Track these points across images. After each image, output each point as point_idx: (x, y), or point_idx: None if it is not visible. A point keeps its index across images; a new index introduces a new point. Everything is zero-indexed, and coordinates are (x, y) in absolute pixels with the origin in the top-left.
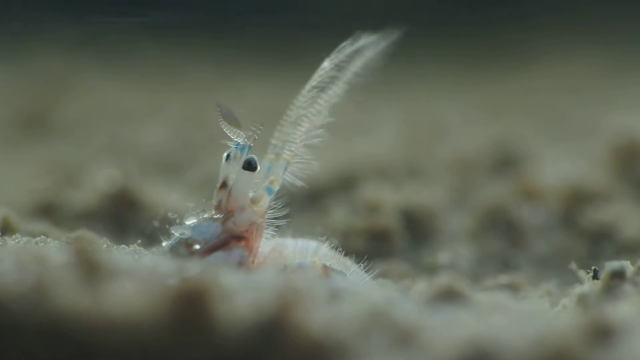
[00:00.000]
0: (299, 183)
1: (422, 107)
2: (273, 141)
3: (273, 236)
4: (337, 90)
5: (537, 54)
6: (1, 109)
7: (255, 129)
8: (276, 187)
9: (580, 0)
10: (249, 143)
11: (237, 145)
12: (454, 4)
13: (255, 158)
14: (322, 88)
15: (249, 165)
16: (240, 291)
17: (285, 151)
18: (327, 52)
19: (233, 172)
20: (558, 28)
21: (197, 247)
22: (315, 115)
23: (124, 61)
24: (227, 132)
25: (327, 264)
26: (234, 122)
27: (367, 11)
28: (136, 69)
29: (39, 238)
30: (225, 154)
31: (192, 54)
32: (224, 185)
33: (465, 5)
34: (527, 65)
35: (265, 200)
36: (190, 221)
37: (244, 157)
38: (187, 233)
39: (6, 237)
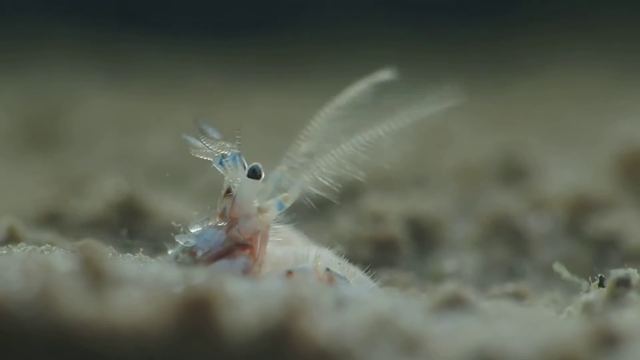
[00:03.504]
0: (310, 204)
1: (427, 115)
2: (288, 154)
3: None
4: (370, 137)
5: (542, 63)
6: (8, 119)
7: (235, 135)
8: (287, 205)
9: (587, 10)
10: (236, 151)
11: (225, 157)
12: (460, 12)
13: (260, 165)
14: (352, 117)
15: (254, 173)
16: (246, 299)
17: (307, 173)
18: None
19: (237, 179)
20: (564, 37)
21: (201, 255)
22: (346, 154)
23: (129, 71)
24: (210, 147)
25: (330, 268)
26: (214, 136)
27: (371, 20)
28: (142, 78)
29: (44, 247)
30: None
31: (198, 63)
32: (228, 192)
33: (471, 14)
34: (533, 74)
35: (273, 213)
36: (194, 229)
37: (240, 164)
38: (192, 241)
39: (12, 246)
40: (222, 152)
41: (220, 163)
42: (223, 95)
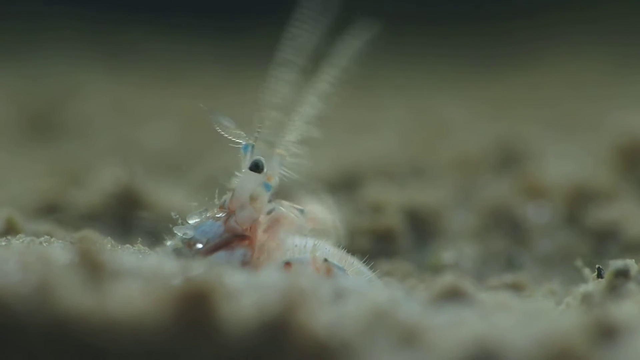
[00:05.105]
0: (296, 177)
1: (426, 106)
2: (259, 130)
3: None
4: (326, 82)
5: (542, 52)
6: (7, 108)
7: (256, 127)
8: (274, 183)
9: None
10: (251, 142)
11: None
12: (460, 1)
13: (262, 159)
14: (309, 79)
15: (256, 167)
16: (245, 291)
17: (279, 146)
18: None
19: (240, 172)
20: (563, 26)
21: (200, 246)
22: (306, 109)
23: (129, 61)
24: (226, 136)
25: (328, 259)
26: (230, 126)
27: (370, 9)
28: (142, 69)
29: (43, 238)
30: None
31: (198, 53)
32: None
33: (470, 3)
34: (532, 63)
35: (264, 197)
36: (193, 220)
37: (249, 156)
38: (190, 233)
39: (10, 237)
40: (238, 140)
41: (245, 149)
42: (223, 84)
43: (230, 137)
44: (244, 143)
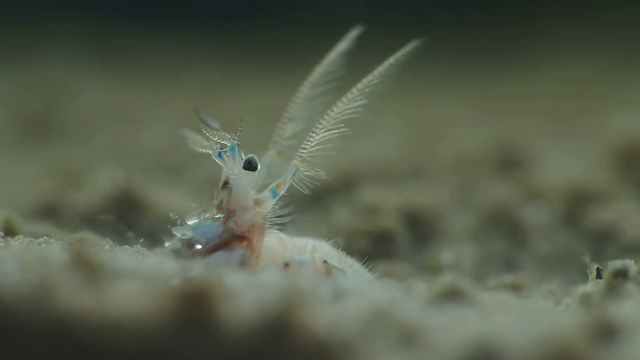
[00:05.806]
0: (305, 190)
1: (425, 108)
2: (274, 138)
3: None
4: (353, 99)
5: (540, 56)
6: (5, 110)
7: (237, 127)
8: (282, 191)
9: (584, 3)
10: (236, 141)
11: (224, 148)
12: (457, 6)
13: (256, 157)
14: (330, 91)
15: (250, 165)
16: (244, 291)
17: (296, 157)
18: (327, 51)
19: (234, 171)
20: (561, 30)
21: (199, 247)
22: (331, 123)
23: (126, 63)
24: (210, 137)
25: (327, 260)
26: (215, 127)
27: (367, 12)
28: (139, 70)
29: (42, 239)
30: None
31: (195, 55)
32: (225, 184)
33: (469, 7)
34: (530, 67)
35: (269, 203)
36: (191, 221)
37: (238, 156)
38: (189, 233)
39: (9, 238)
40: (223, 142)
41: (220, 155)
42: (219, 87)
43: (215, 139)
44: (230, 145)
